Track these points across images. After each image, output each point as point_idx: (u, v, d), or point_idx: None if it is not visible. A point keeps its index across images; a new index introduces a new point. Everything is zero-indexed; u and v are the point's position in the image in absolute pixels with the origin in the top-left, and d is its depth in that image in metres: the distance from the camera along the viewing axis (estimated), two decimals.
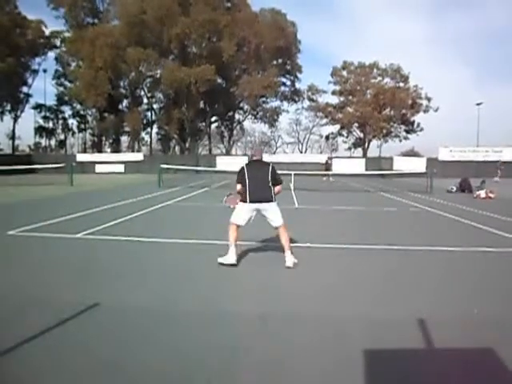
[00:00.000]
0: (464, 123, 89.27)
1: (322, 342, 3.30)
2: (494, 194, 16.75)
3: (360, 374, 2.77)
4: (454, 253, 6.67)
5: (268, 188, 5.74)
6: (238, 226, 5.78)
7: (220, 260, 5.62)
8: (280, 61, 51.68)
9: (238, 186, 5.87)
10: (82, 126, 57.57)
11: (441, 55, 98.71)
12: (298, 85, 54.89)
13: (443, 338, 3.39)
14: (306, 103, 56.22)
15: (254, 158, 6.14)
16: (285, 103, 55.67)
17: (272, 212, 5.74)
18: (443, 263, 6.04)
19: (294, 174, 21.95)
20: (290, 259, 5.56)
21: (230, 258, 5.59)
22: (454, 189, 19.99)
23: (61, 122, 57.33)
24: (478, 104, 45.69)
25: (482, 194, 16.84)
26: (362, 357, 3.00)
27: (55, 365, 2.90)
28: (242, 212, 5.74)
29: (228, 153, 54.03)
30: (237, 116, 56.78)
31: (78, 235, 7.56)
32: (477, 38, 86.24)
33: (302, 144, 67.30)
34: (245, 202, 5.72)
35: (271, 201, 5.72)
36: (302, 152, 63.91)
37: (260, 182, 5.76)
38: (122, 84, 51.82)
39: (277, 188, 5.85)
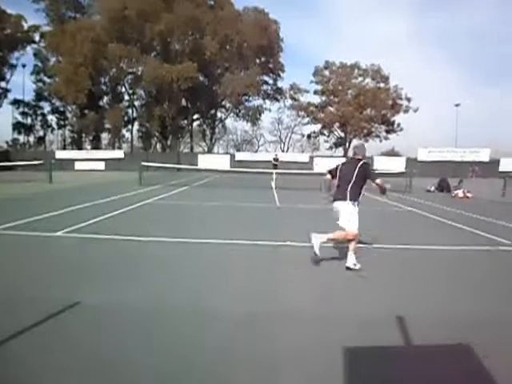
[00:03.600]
0: (443, 124, 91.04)
1: (311, 343, 3.35)
2: (471, 193, 17.15)
3: (348, 374, 2.84)
4: (436, 251, 6.83)
5: (346, 187, 5.47)
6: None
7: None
8: (263, 59, 51.60)
9: (328, 176, 5.88)
10: (62, 122, 56.35)
11: (421, 56, 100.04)
12: (280, 83, 54.97)
13: (428, 336, 3.48)
14: (288, 102, 56.30)
15: (356, 157, 5.74)
16: (267, 102, 55.68)
17: (342, 211, 5.55)
18: (425, 261, 6.17)
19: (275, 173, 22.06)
20: (350, 259, 5.53)
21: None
22: (433, 188, 20.38)
23: (39, 118, 56.01)
24: (456, 105, 46.61)
25: (460, 193, 17.23)
26: (350, 357, 3.06)
27: (41, 363, 2.88)
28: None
29: (210, 151, 53.78)
30: (219, 114, 56.48)
31: (58, 233, 7.47)
32: (458, 39, 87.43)
33: (284, 143, 67.58)
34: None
35: (344, 199, 5.51)
36: (283, 151, 64.12)
37: (343, 181, 5.55)
38: (102, 80, 50.93)
39: (377, 181, 5.59)
